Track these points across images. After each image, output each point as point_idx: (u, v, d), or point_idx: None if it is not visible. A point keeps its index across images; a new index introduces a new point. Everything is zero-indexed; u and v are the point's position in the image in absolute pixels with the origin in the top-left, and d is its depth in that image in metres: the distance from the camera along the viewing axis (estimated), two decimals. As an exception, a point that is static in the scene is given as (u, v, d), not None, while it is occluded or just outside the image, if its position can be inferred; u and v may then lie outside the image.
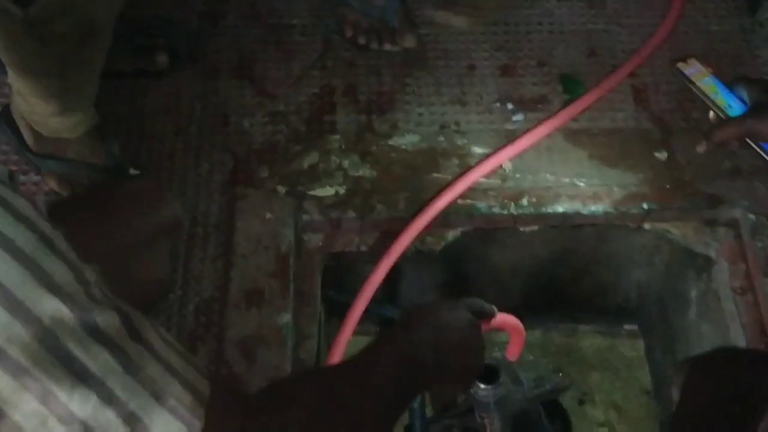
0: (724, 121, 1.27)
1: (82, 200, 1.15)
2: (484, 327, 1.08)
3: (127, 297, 1.04)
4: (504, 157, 1.46)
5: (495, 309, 1.09)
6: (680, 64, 1.34)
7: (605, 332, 1.88)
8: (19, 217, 0.58)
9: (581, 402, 1.82)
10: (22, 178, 1.44)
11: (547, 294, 1.84)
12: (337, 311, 1.65)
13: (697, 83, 1.32)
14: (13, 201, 0.58)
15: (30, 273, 0.56)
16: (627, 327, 1.88)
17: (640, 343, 1.87)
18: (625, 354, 1.87)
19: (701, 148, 1.26)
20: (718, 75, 1.32)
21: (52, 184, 1.41)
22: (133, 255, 1.05)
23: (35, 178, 1.44)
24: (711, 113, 1.30)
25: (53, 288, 0.57)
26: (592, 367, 1.85)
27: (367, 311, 1.39)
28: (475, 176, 1.44)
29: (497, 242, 1.64)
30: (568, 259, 1.74)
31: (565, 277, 1.80)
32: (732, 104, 1.28)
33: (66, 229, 0.72)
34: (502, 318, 1.14)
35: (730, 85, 1.30)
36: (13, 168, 1.46)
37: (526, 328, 1.86)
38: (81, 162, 1.38)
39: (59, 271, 0.58)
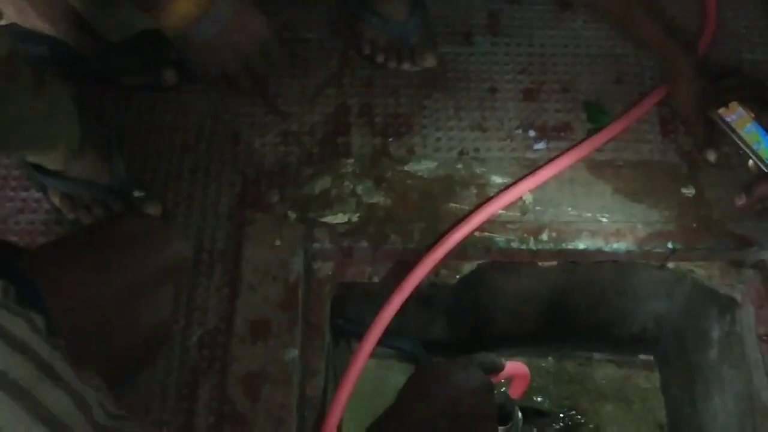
0: (766, 174, 1.20)
1: (82, 239, 1.09)
2: (493, 380, 1.02)
3: (126, 343, 1.01)
4: (524, 189, 1.40)
5: (504, 362, 1.04)
6: (721, 111, 1.27)
7: (620, 362, 1.83)
8: (15, 345, 0.53)
9: (593, 434, 1.77)
10: (22, 194, 1.40)
11: (562, 321, 1.78)
12: (345, 337, 1.60)
13: (739, 131, 1.25)
14: (8, 325, 0.54)
15: (25, 410, 0.52)
16: (642, 357, 1.83)
17: (656, 375, 1.81)
18: (640, 385, 1.82)
19: (740, 201, 1.20)
20: (760, 119, 1.25)
21: (55, 201, 1.36)
22: (134, 299, 1.00)
23: (36, 194, 1.39)
24: (750, 162, 1.23)
25: (51, 423, 0.53)
26: (606, 397, 1.80)
27: (378, 343, 1.33)
28: (493, 208, 1.38)
29: (512, 269, 1.58)
30: (585, 288, 1.69)
31: (581, 305, 1.74)
32: None
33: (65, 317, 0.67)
34: (510, 367, 1.09)
35: None
36: (13, 183, 1.41)
37: (540, 354, 1.84)
38: (84, 182, 1.32)
39: (58, 402, 0.54)
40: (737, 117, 1.27)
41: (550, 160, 1.44)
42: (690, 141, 1.47)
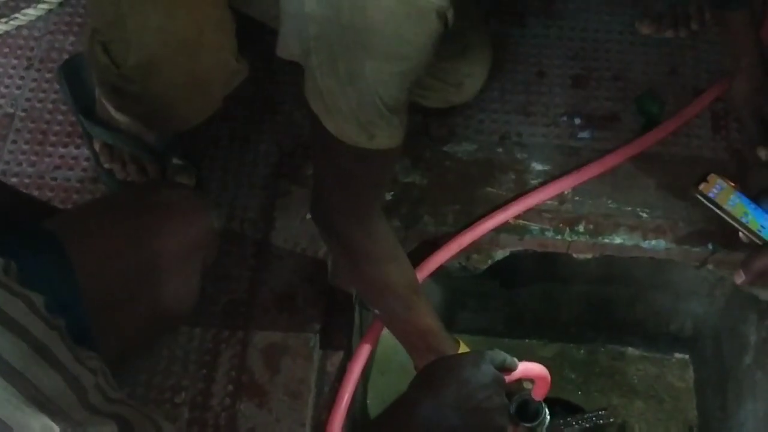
0: (762, 248, 1.15)
1: (115, 205, 1.10)
2: (507, 379, 1.01)
3: (152, 311, 1.01)
4: (566, 186, 1.37)
5: (516, 362, 1.02)
6: (702, 186, 1.20)
7: (654, 359, 1.79)
8: (10, 325, 0.54)
9: (621, 429, 1.74)
10: (61, 150, 1.41)
11: (598, 312, 1.75)
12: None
13: (723, 206, 1.18)
14: (5, 305, 0.55)
15: (17, 389, 0.53)
16: (678, 356, 1.79)
17: (690, 375, 1.77)
18: (673, 384, 1.78)
19: (739, 279, 1.16)
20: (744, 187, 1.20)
21: (97, 147, 1.37)
22: (161, 270, 1.00)
23: (74, 152, 1.41)
24: (741, 234, 1.18)
25: (42, 403, 0.53)
26: (637, 393, 1.77)
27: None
28: (531, 201, 1.35)
29: (550, 258, 1.56)
30: (624, 281, 1.66)
31: (618, 298, 1.71)
32: (766, 225, 1.16)
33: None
34: (525, 367, 1.07)
35: (756, 199, 1.18)
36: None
37: (573, 342, 1.81)
38: (128, 138, 1.33)
39: (51, 382, 0.55)
40: (719, 190, 1.20)
41: (598, 157, 1.40)
42: (741, 139, 1.42)
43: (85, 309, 0.92)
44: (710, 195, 1.19)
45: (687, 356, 1.78)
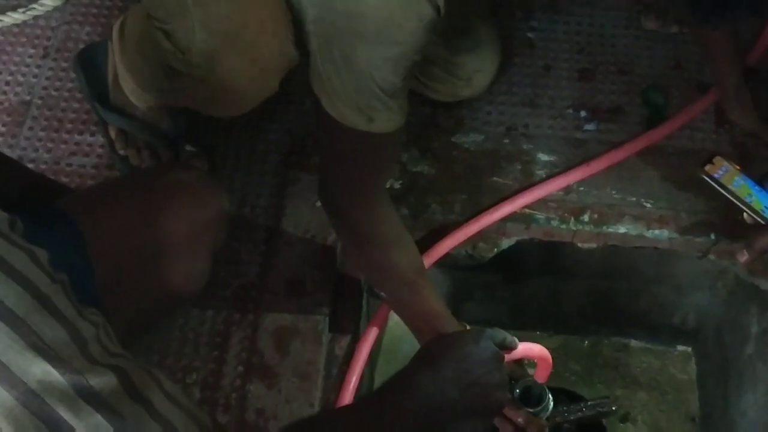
0: (765, 227, 1.18)
1: (127, 184, 1.12)
2: (507, 357, 1.03)
3: (159, 291, 1.03)
4: (572, 179, 1.39)
5: (516, 341, 1.04)
6: (708, 167, 1.23)
7: (657, 351, 1.81)
8: (13, 274, 0.56)
9: (623, 420, 1.76)
10: (76, 137, 1.44)
11: (602, 305, 1.77)
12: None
13: (728, 186, 1.22)
14: (8, 256, 0.56)
15: (18, 335, 0.55)
16: (680, 348, 1.81)
17: (693, 367, 1.79)
18: (676, 376, 1.80)
19: (742, 258, 1.19)
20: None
21: (112, 134, 1.40)
22: (172, 248, 1.02)
23: (89, 138, 1.43)
24: (745, 215, 1.21)
25: (43, 350, 0.55)
26: (640, 385, 1.79)
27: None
28: (538, 193, 1.37)
29: (554, 247, 1.58)
30: (627, 274, 1.68)
31: (621, 291, 1.73)
32: None
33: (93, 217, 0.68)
34: (525, 347, 1.09)
35: (760, 181, 1.21)
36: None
37: (576, 334, 1.83)
38: (142, 124, 1.35)
39: (52, 332, 0.56)
40: (724, 172, 1.23)
41: (603, 149, 1.42)
42: (743, 132, 1.45)
43: (96, 284, 0.95)
44: (716, 176, 1.23)
45: (689, 349, 1.80)
